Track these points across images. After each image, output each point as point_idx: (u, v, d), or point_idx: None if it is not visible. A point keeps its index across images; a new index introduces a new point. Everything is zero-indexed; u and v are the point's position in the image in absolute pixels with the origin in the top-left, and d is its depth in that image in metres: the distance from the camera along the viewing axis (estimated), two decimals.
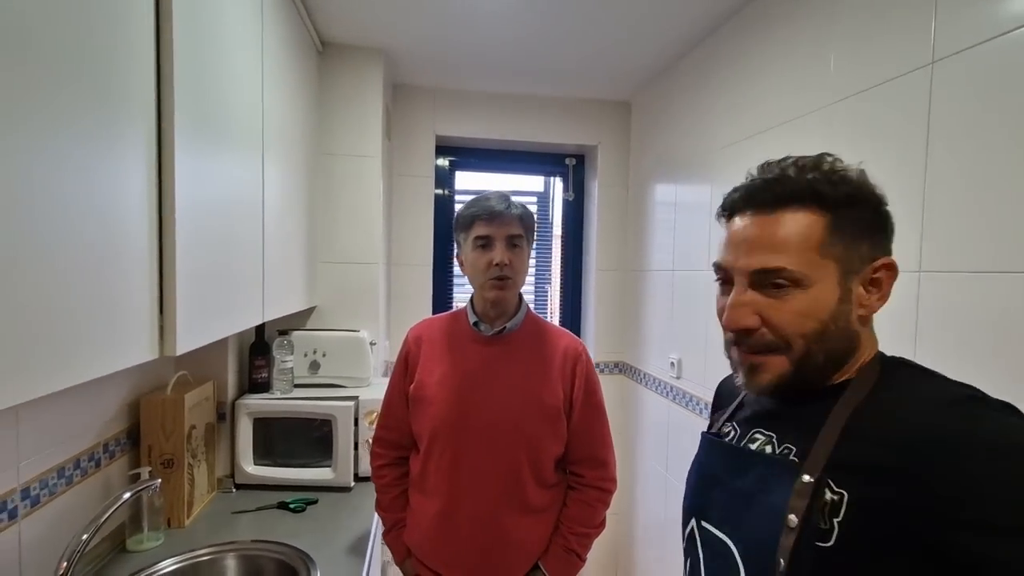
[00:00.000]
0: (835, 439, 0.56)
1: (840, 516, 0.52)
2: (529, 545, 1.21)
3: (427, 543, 1.22)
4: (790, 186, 0.60)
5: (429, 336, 1.28)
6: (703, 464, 0.72)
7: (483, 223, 1.18)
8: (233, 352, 1.66)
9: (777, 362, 0.60)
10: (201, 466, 1.48)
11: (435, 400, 1.20)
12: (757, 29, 1.59)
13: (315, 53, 1.90)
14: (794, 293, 0.58)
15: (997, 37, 0.92)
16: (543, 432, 1.19)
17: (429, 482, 1.22)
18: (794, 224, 0.58)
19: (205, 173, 0.96)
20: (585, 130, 2.53)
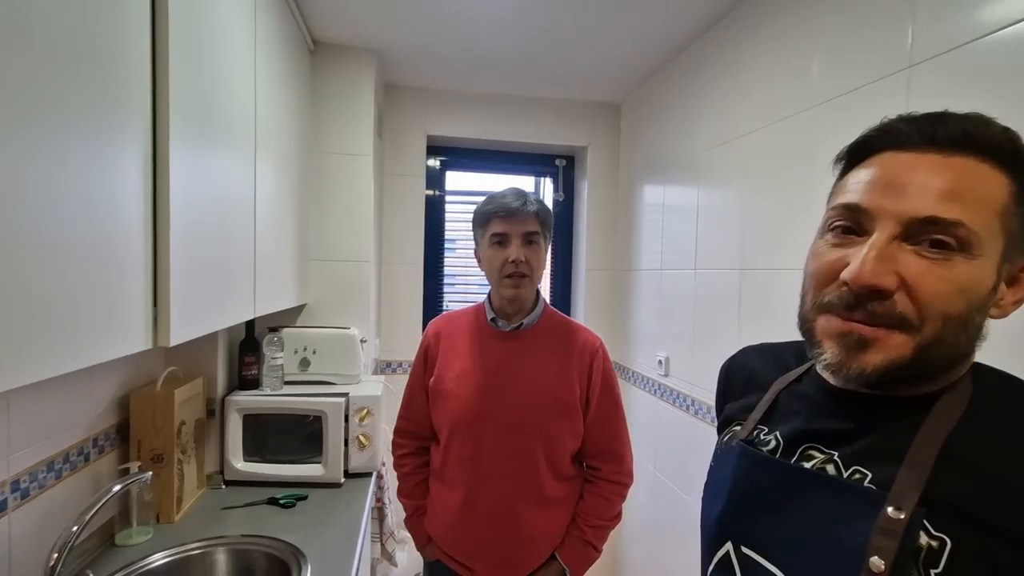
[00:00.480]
0: (930, 467, 0.44)
1: (940, 568, 0.42)
2: (546, 537, 1.24)
3: (448, 532, 1.26)
4: (984, 131, 0.47)
5: (448, 331, 1.31)
6: (741, 480, 0.58)
7: (499, 220, 1.20)
8: (223, 348, 1.66)
9: (898, 342, 0.46)
10: (191, 462, 1.48)
11: (454, 395, 1.23)
12: (742, 34, 1.63)
13: (307, 52, 1.91)
14: (957, 260, 0.45)
15: (970, 43, 0.96)
16: (560, 427, 1.21)
17: (449, 474, 1.25)
18: (981, 176, 0.46)
19: (198, 169, 0.97)
20: (575, 131, 2.56)
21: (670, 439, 2.03)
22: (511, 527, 1.21)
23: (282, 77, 1.57)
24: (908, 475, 0.45)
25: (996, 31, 0.92)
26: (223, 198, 1.12)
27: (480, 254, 1.28)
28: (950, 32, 1.00)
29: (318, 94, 1.96)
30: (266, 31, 1.40)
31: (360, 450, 1.68)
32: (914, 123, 0.49)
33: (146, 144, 0.80)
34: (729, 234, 1.67)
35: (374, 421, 1.70)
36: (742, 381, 0.69)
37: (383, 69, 2.21)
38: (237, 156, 1.21)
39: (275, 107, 1.50)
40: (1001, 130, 0.47)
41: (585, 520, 1.25)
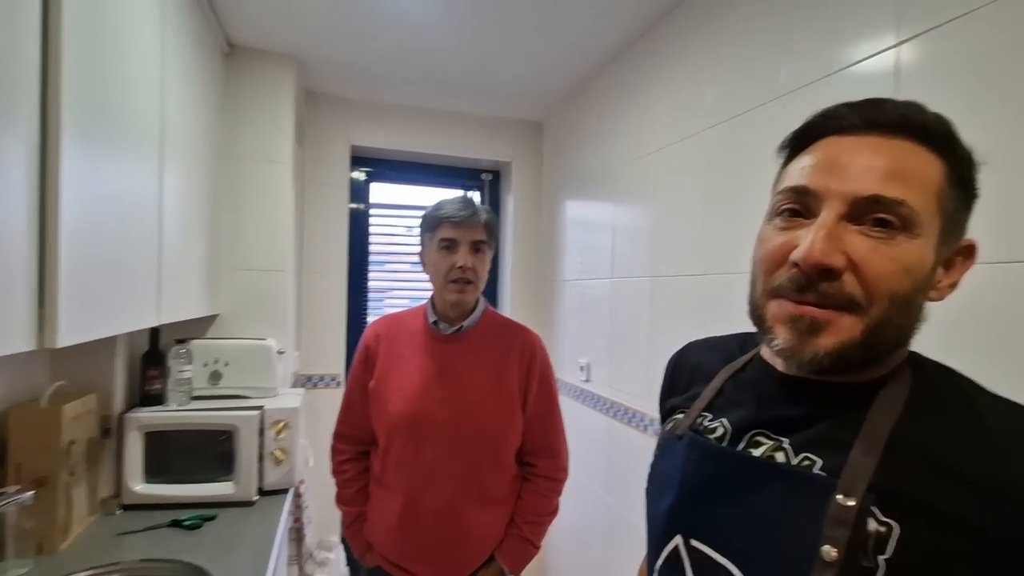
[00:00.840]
0: (878, 454, 0.45)
1: (888, 554, 0.42)
2: (488, 536, 1.25)
3: (389, 537, 1.25)
4: (920, 117, 0.48)
5: (388, 334, 1.31)
6: (692, 472, 0.57)
7: (449, 226, 1.22)
8: (123, 362, 1.54)
9: (848, 323, 0.47)
10: (80, 485, 1.35)
11: (395, 397, 1.23)
12: (649, 62, 1.77)
13: (221, 55, 1.85)
14: (900, 239, 0.46)
15: (828, 76, 1.12)
16: (501, 425, 1.23)
17: (389, 478, 1.24)
18: (920, 159, 0.48)
19: (95, 169, 0.92)
20: (500, 147, 2.64)
21: (592, 443, 2.10)
22: (453, 528, 1.21)
23: (194, 80, 1.51)
24: (857, 462, 0.45)
25: (849, 66, 1.08)
26: (124, 199, 1.06)
27: (426, 257, 1.29)
28: (812, 67, 1.16)
29: (234, 98, 1.90)
30: (176, 32, 1.35)
31: (276, 465, 1.61)
32: (855, 108, 0.51)
33: (33, 141, 0.76)
34: (640, 244, 1.78)
35: (292, 435, 1.64)
36: (688, 373, 0.69)
37: (304, 76, 2.18)
38: (141, 157, 1.15)
39: (186, 109, 1.44)
40: (935, 116, 0.49)
41: (523, 517, 1.27)
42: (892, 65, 0.99)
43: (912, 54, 0.96)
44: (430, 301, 1.33)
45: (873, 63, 1.03)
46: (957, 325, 0.85)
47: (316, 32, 1.84)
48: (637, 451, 1.77)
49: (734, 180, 1.37)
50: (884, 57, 1.01)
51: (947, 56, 0.90)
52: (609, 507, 1.96)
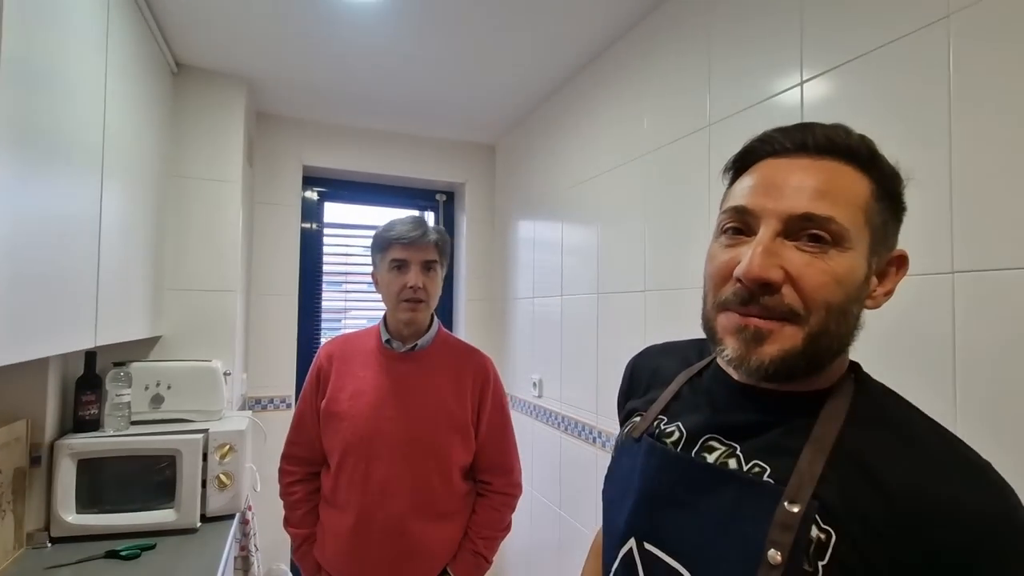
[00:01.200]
0: (822, 464, 0.48)
1: (825, 560, 0.45)
2: (439, 552, 1.25)
3: (340, 556, 1.24)
4: (844, 139, 0.53)
5: (341, 353, 1.32)
6: (648, 476, 0.59)
7: (400, 247, 1.24)
8: (55, 387, 1.47)
9: (789, 333, 0.50)
10: (6, 518, 1.28)
11: (347, 415, 1.24)
12: (592, 91, 1.87)
13: (169, 74, 1.84)
14: (832, 253, 0.49)
15: (749, 108, 1.23)
16: (452, 443, 1.26)
17: (340, 497, 1.24)
18: (846, 178, 0.51)
19: (28, 187, 0.91)
20: (453, 169, 2.69)
21: (545, 457, 2.14)
22: (405, 544, 1.22)
23: (139, 98, 1.50)
24: (804, 470, 0.47)
25: (764, 100, 1.19)
26: (60, 216, 1.04)
27: (378, 277, 1.31)
28: (733, 100, 1.27)
29: (182, 118, 1.88)
30: (120, 51, 1.34)
31: (220, 490, 1.56)
32: (787, 132, 0.55)
33: None
34: (587, 263, 1.86)
35: (238, 458, 1.60)
36: (647, 378, 0.71)
37: (255, 97, 2.18)
38: (80, 174, 1.13)
39: (130, 128, 1.43)
40: (859, 137, 0.53)
41: (477, 532, 1.29)
42: (798, 100, 1.10)
43: (815, 90, 1.07)
44: (383, 320, 1.34)
45: (784, 98, 1.14)
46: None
47: (266, 54, 1.85)
48: (588, 464, 1.81)
49: (672, 201, 1.47)
50: (792, 93, 1.12)
51: (844, 92, 1.02)
52: (561, 520, 1.99)
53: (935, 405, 0.84)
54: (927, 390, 0.85)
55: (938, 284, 0.85)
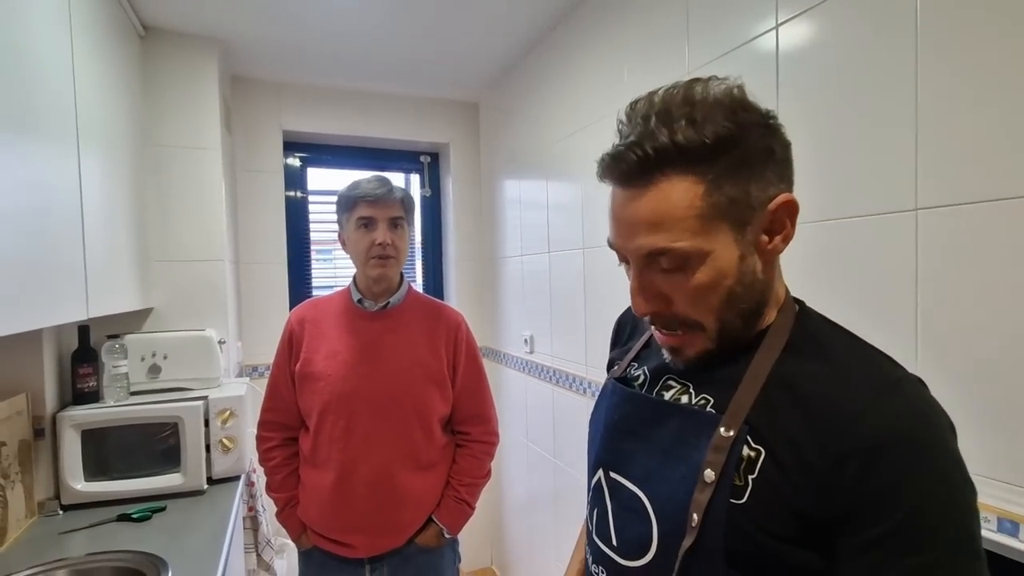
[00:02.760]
0: (756, 393, 0.52)
1: (755, 473, 0.50)
2: (423, 500, 1.30)
3: (324, 514, 1.27)
4: (651, 146, 0.50)
5: (313, 316, 1.34)
6: (612, 413, 0.66)
7: (366, 205, 1.25)
8: (51, 360, 1.49)
9: (698, 339, 0.56)
10: (15, 488, 1.32)
11: (323, 375, 1.26)
12: (573, 43, 1.84)
13: (136, 38, 1.78)
14: (695, 268, 0.52)
15: (728, 52, 1.22)
16: (430, 395, 1.29)
17: (320, 455, 1.27)
18: (668, 195, 0.51)
19: (5, 160, 0.90)
20: (436, 129, 2.65)
21: (538, 410, 2.20)
22: (390, 494, 1.25)
23: (107, 64, 1.46)
24: (739, 399, 0.52)
25: (747, 42, 1.18)
26: (39, 188, 1.03)
27: (345, 237, 1.32)
28: (711, 47, 1.26)
29: (153, 84, 1.83)
30: (84, 15, 1.30)
31: (224, 454, 1.61)
32: (610, 161, 0.54)
33: None
34: (572, 219, 1.87)
35: (239, 423, 1.65)
36: (628, 331, 0.78)
37: (229, 60, 2.11)
38: (56, 146, 1.12)
39: (101, 95, 1.39)
40: (667, 135, 0.50)
41: (459, 480, 1.34)
42: (774, 44, 1.10)
43: (789, 33, 1.07)
44: (352, 281, 1.36)
45: (760, 42, 1.14)
46: (851, 274, 0.97)
47: (238, 13, 1.79)
48: (579, 414, 1.88)
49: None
50: (768, 37, 1.12)
51: (817, 34, 1.02)
52: (556, 469, 2.08)
53: (898, 342, 0.88)
54: (889, 329, 0.89)
55: (902, 221, 0.88)
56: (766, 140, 0.53)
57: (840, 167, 0.99)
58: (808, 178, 1.03)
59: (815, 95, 1.03)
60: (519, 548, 2.47)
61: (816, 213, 1.02)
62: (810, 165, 1.02)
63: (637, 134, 0.52)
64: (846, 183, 0.98)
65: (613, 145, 0.55)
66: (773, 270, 0.57)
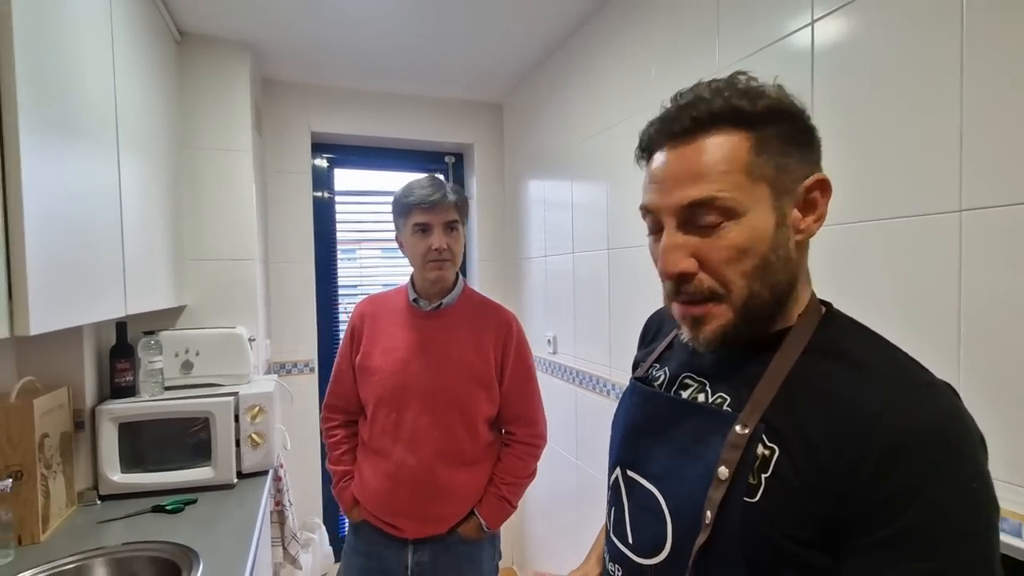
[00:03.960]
0: (774, 391, 0.52)
1: (768, 472, 0.50)
2: (465, 495, 1.35)
3: (377, 497, 1.35)
4: (706, 107, 0.53)
5: (372, 312, 1.42)
6: (631, 413, 0.67)
7: (421, 211, 1.29)
8: (91, 356, 1.55)
9: (719, 311, 0.54)
10: (57, 478, 1.37)
11: (379, 369, 1.34)
12: (598, 41, 1.83)
13: (173, 43, 1.83)
14: (728, 226, 0.52)
15: (760, 50, 1.20)
16: (475, 395, 1.33)
17: (375, 444, 1.35)
18: (717, 148, 0.53)
19: (54, 164, 0.94)
20: (461, 130, 2.67)
21: (561, 411, 2.20)
22: (433, 488, 1.31)
23: (146, 69, 1.50)
24: (756, 398, 0.52)
25: (780, 39, 1.16)
26: (84, 191, 1.08)
27: (402, 239, 1.36)
28: (743, 44, 1.24)
29: (189, 87, 1.89)
30: (124, 22, 1.34)
31: (253, 449, 1.65)
32: (659, 124, 0.57)
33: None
34: (597, 219, 1.86)
35: (267, 419, 1.68)
36: (653, 332, 0.79)
37: (260, 63, 2.16)
38: (98, 149, 1.16)
39: (140, 100, 1.44)
40: (721, 100, 0.53)
41: (501, 478, 1.37)
42: (809, 41, 1.08)
43: (826, 30, 1.04)
44: (410, 280, 1.40)
45: (794, 39, 1.11)
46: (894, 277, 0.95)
47: (269, 19, 1.83)
48: (603, 415, 1.87)
49: None
50: (803, 34, 1.09)
51: (856, 31, 0.99)
52: (579, 470, 2.07)
53: (938, 349, 0.85)
54: (928, 335, 0.86)
55: (945, 223, 0.85)
56: (807, 126, 0.56)
57: (878, 167, 0.96)
58: (844, 178, 1.00)
59: (852, 93, 1.00)
60: (540, 549, 2.47)
61: (852, 214, 0.99)
62: (846, 165, 0.99)
63: (689, 100, 0.55)
64: (885, 183, 0.95)
65: (659, 115, 0.58)
66: (804, 255, 0.57)
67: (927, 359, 0.52)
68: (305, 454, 2.40)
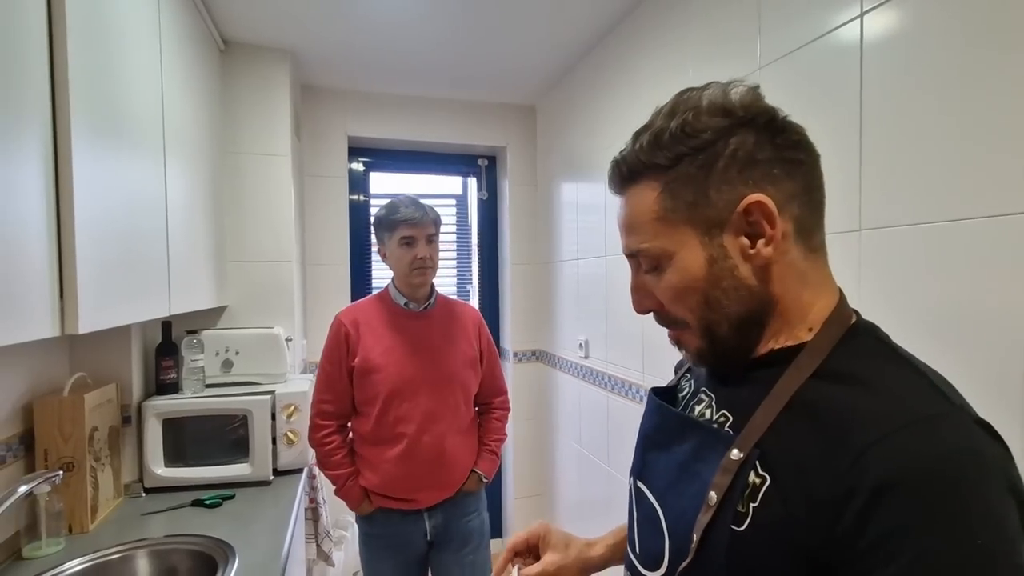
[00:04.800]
0: (774, 415, 0.49)
1: (756, 502, 0.47)
2: (465, 459, 1.59)
3: (391, 480, 1.51)
4: (626, 166, 0.56)
5: (364, 319, 1.57)
6: (645, 424, 0.68)
7: (407, 226, 1.51)
8: (137, 353, 1.61)
9: (690, 336, 0.56)
10: (105, 470, 1.43)
11: (383, 367, 1.50)
12: (632, 42, 1.80)
13: (217, 52, 1.90)
14: (665, 269, 0.54)
15: (804, 46, 1.15)
16: (468, 376, 1.60)
17: (386, 432, 1.51)
18: (636, 201, 0.55)
19: (104, 169, 0.98)
20: (494, 132, 2.67)
21: (592, 416, 2.16)
22: (446, 457, 1.53)
23: (191, 77, 1.56)
24: (755, 421, 0.49)
25: (826, 33, 1.11)
26: (132, 194, 1.12)
27: (386, 252, 1.57)
28: (786, 39, 1.19)
29: (232, 94, 1.95)
30: (171, 31, 1.40)
31: (289, 447, 1.69)
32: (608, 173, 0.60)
33: (46, 141, 0.82)
34: None
35: (303, 417, 1.71)
36: None
37: (299, 69, 2.22)
38: (145, 154, 1.21)
39: (185, 107, 1.49)
40: (634, 156, 0.55)
41: (489, 438, 1.66)
42: (858, 34, 1.02)
43: (876, 23, 0.99)
44: (393, 288, 1.59)
45: (841, 33, 1.06)
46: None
47: (308, 26, 1.87)
48: (634, 421, 1.82)
49: None
50: (851, 27, 1.04)
51: (910, 22, 0.93)
52: (609, 477, 2.03)
53: (1008, 362, 0.79)
54: (996, 346, 0.80)
55: (1018, 224, 0.79)
56: (739, 142, 0.51)
57: (939, 166, 0.90)
58: (900, 179, 0.95)
59: (907, 87, 0.94)
60: None
61: (909, 215, 0.94)
62: (903, 164, 0.94)
63: (619, 156, 0.58)
64: (946, 183, 0.89)
65: None
66: (773, 278, 0.52)
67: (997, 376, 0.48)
68: None
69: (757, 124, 0.51)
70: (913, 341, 0.54)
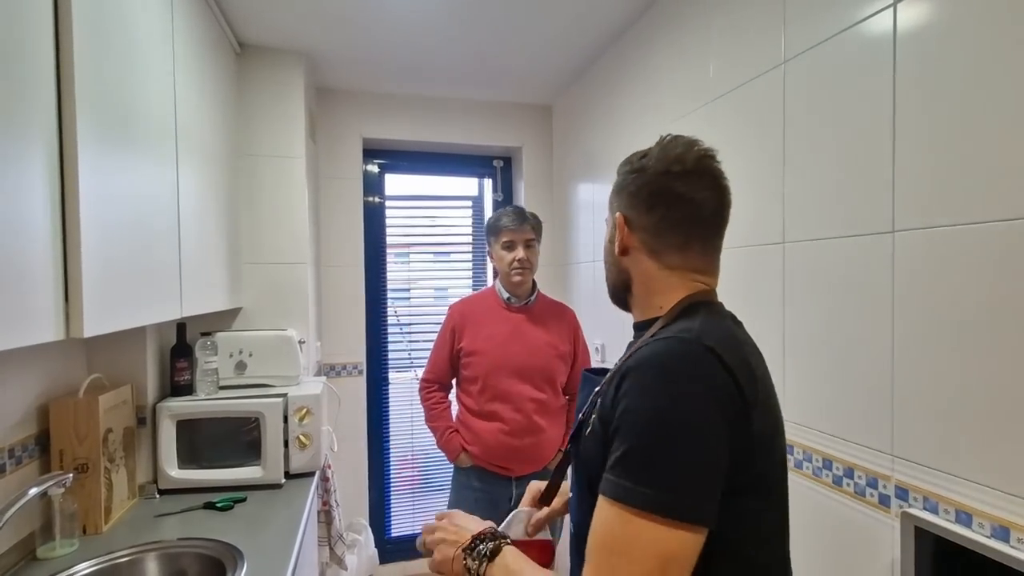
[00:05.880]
0: (623, 361, 0.65)
1: (595, 415, 0.67)
2: (554, 439, 1.80)
3: (491, 449, 1.76)
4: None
5: (471, 310, 1.85)
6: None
7: (508, 232, 1.77)
8: (152, 355, 1.62)
9: None
10: (120, 471, 1.44)
11: (486, 351, 1.77)
12: (650, 40, 1.75)
13: (233, 55, 1.90)
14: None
15: (831, 38, 1.09)
16: (557, 367, 1.81)
17: (486, 409, 1.76)
18: None
19: (112, 170, 0.98)
20: (509, 133, 2.64)
21: None
22: (534, 434, 1.75)
23: (206, 80, 1.56)
24: (616, 368, 0.66)
25: (855, 24, 1.05)
26: (142, 197, 1.12)
27: (493, 253, 1.84)
28: (812, 31, 1.13)
29: (247, 97, 1.96)
30: (185, 34, 1.40)
31: (301, 450, 1.68)
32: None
33: (51, 144, 0.81)
34: None
35: (315, 421, 1.70)
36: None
37: (314, 72, 2.22)
38: (157, 156, 1.20)
39: (199, 110, 1.50)
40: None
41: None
42: (890, 25, 0.97)
43: (910, 12, 0.93)
44: (498, 284, 1.85)
45: (871, 24, 1.00)
46: None
47: (323, 28, 1.87)
48: None
49: (741, 150, 1.35)
50: (883, 17, 0.98)
51: (946, 10, 0.88)
52: None
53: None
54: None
55: None
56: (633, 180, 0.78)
57: (977, 163, 0.84)
58: (938, 179, 0.89)
59: (943, 81, 0.88)
60: None
61: (943, 216, 0.88)
62: (942, 163, 0.88)
63: None
64: (984, 182, 0.83)
65: None
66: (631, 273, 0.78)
67: None
68: (353, 456, 2.43)
69: (647, 175, 0.75)
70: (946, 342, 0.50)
